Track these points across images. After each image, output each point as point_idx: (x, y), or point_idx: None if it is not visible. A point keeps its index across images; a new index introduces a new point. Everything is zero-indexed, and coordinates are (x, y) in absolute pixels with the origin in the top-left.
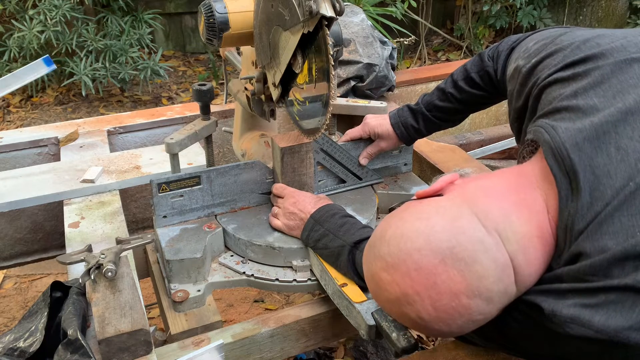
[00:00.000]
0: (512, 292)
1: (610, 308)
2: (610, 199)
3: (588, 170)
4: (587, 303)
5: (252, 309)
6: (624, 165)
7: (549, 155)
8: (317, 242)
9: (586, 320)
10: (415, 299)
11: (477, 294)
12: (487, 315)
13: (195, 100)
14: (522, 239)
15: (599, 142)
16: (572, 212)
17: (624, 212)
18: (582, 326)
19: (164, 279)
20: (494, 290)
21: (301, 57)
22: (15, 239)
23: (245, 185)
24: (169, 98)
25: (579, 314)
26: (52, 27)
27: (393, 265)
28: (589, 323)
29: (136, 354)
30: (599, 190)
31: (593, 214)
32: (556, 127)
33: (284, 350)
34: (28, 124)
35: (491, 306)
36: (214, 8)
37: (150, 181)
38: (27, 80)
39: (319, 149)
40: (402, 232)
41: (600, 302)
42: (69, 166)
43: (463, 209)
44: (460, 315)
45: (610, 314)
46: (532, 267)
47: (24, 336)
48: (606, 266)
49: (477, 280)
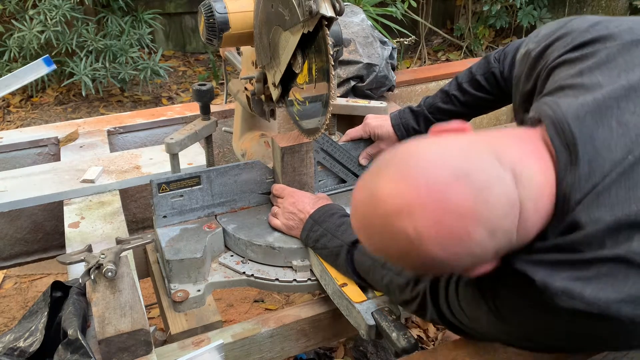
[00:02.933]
0: (512, 237)
1: (602, 281)
2: (609, 171)
3: (588, 142)
4: (579, 276)
5: (252, 309)
6: (624, 139)
7: (550, 127)
8: (316, 242)
9: (577, 292)
10: (418, 211)
11: (483, 223)
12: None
13: (195, 100)
14: (536, 187)
15: (601, 116)
16: (570, 182)
17: (621, 185)
18: (573, 298)
19: (164, 279)
20: (499, 224)
21: (301, 57)
22: (15, 239)
23: (245, 185)
24: (169, 98)
25: (570, 287)
26: (52, 27)
27: (402, 176)
28: (580, 295)
29: (136, 354)
30: (598, 162)
31: (591, 186)
32: (559, 103)
33: (284, 350)
34: (28, 124)
35: (492, 242)
36: (214, 8)
37: (150, 181)
38: (27, 80)
39: (319, 149)
40: (416, 151)
41: (592, 275)
42: (69, 166)
43: (480, 143)
44: (460, 240)
45: (601, 286)
46: (537, 220)
47: (24, 336)
48: (600, 237)
49: (486, 209)
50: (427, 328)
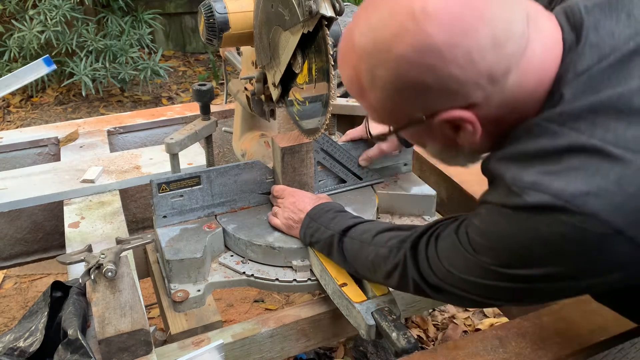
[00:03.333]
0: (507, 78)
1: (572, 174)
2: (607, 55)
3: (592, 27)
4: (549, 170)
5: (252, 309)
6: (629, 29)
7: (560, 13)
8: (311, 237)
9: (545, 185)
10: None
11: (491, 25)
12: (476, 73)
13: (195, 100)
14: (546, 35)
15: (611, 9)
16: (567, 62)
17: (615, 70)
18: (540, 191)
19: (164, 279)
20: (505, 39)
21: (301, 57)
22: (15, 239)
23: (245, 185)
24: (169, 98)
25: (539, 180)
26: (52, 27)
27: None
28: (548, 188)
29: (136, 354)
30: (599, 46)
31: (586, 66)
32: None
33: (284, 350)
34: (28, 124)
35: (491, 57)
36: (214, 8)
37: (150, 181)
38: (27, 80)
39: (319, 149)
40: None
41: (562, 168)
42: (69, 166)
43: None
44: (463, 32)
45: (570, 179)
46: (541, 68)
47: (24, 336)
48: (577, 114)
49: (498, 15)
50: (427, 328)
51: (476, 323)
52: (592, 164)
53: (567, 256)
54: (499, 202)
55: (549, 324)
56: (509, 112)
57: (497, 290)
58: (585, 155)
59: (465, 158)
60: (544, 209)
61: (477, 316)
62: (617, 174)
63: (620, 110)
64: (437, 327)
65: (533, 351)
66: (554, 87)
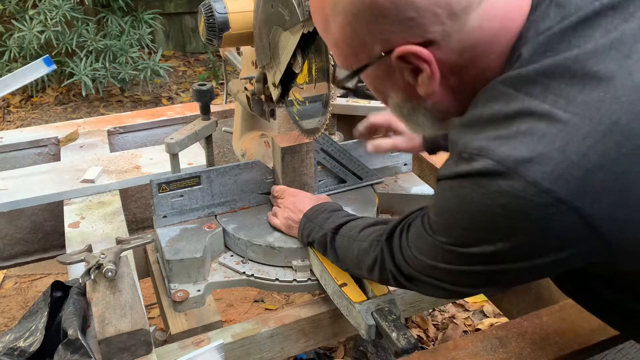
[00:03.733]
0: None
1: (519, 139)
2: (570, 14)
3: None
4: (499, 134)
5: (252, 309)
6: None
7: None
8: (308, 237)
9: (492, 150)
10: None
11: None
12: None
13: (195, 100)
14: None
15: None
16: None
17: (575, 29)
18: (486, 157)
19: (164, 279)
20: None
21: (301, 57)
22: (15, 239)
23: (245, 185)
24: (169, 98)
25: (486, 145)
26: (52, 27)
27: None
28: (493, 153)
29: (136, 354)
30: (564, 6)
31: (547, 25)
32: None
33: (284, 350)
34: (28, 124)
35: None
36: (214, 8)
37: (150, 181)
38: (27, 80)
39: (320, 149)
40: None
41: (511, 133)
42: (69, 166)
43: None
44: None
45: (517, 145)
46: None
47: (24, 336)
48: (532, 78)
49: None
50: (427, 328)
51: (476, 323)
52: (539, 129)
53: (513, 230)
54: (449, 173)
55: (549, 324)
56: (470, 61)
57: (460, 275)
58: (534, 120)
59: (427, 118)
60: (487, 175)
61: (477, 316)
62: (562, 140)
63: (574, 73)
64: (437, 327)
65: (533, 351)
66: (515, 44)
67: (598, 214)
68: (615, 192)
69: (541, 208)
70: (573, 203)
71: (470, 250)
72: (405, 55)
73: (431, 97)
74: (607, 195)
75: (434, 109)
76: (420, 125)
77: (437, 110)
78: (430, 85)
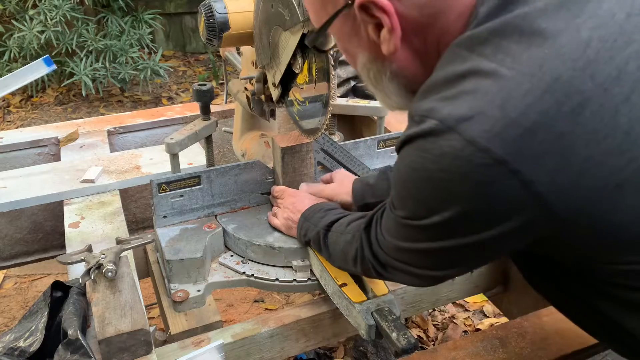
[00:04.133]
0: None
1: (462, 98)
2: None
3: None
4: (446, 95)
5: (252, 309)
6: None
7: None
8: (304, 237)
9: (436, 110)
10: None
11: None
12: None
13: (195, 100)
14: None
15: None
16: None
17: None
18: (432, 117)
19: (164, 279)
20: None
21: (301, 57)
22: (15, 239)
23: (245, 185)
24: (169, 98)
25: (434, 105)
26: (52, 27)
27: None
28: (438, 113)
29: (136, 354)
30: None
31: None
32: None
33: (284, 350)
34: (28, 124)
35: None
36: (214, 8)
37: (150, 181)
38: (27, 80)
39: (320, 149)
40: None
41: (456, 92)
42: (69, 166)
43: None
44: None
45: (459, 104)
46: None
47: (24, 336)
48: (485, 38)
49: None
50: (427, 328)
51: (476, 323)
52: (482, 87)
53: (457, 196)
54: (401, 139)
55: (549, 324)
56: (431, 19)
57: (421, 255)
58: (480, 78)
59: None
60: (431, 134)
61: (477, 316)
62: (502, 98)
63: (522, 31)
64: (437, 327)
65: (533, 351)
66: (475, 4)
67: (539, 178)
68: (556, 154)
69: (481, 170)
70: (512, 165)
71: (422, 223)
72: (366, 4)
73: (395, 58)
74: (548, 158)
75: (400, 75)
76: (389, 95)
77: (403, 77)
78: (392, 40)
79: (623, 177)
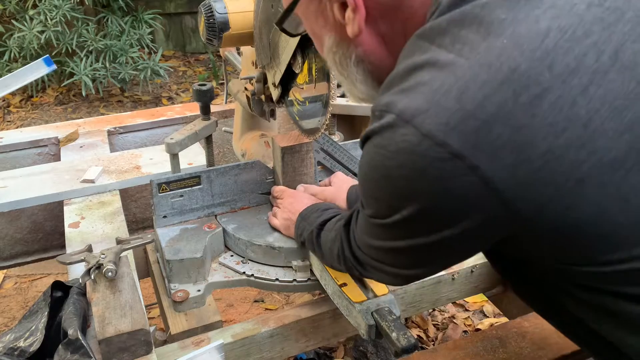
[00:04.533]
0: None
1: (418, 90)
2: None
3: None
4: (404, 87)
5: (252, 309)
6: None
7: None
8: (300, 237)
9: (394, 104)
10: None
11: None
12: None
13: (195, 100)
14: None
15: None
16: None
17: None
18: (389, 112)
19: (164, 279)
20: None
21: (301, 57)
22: (15, 239)
23: (245, 185)
24: (169, 98)
25: (392, 99)
26: (52, 27)
27: None
28: (394, 107)
29: (136, 354)
30: None
31: None
32: None
33: (284, 350)
34: (28, 124)
35: None
36: (214, 8)
37: (150, 181)
38: (27, 80)
39: (320, 149)
40: None
41: (413, 84)
42: (69, 166)
43: None
44: None
45: (415, 97)
46: None
47: (24, 336)
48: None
49: None
50: (427, 328)
51: (476, 323)
52: (438, 78)
53: (415, 192)
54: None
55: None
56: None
57: (390, 254)
58: (436, 69)
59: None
60: (388, 129)
61: (477, 316)
62: (459, 89)
63: (481, 21)
64: (437, 327)
65: (533, 351)
66: None
67: (498, 174)
68: (515, 148)
69: (438, 164)
70: (470, 160)
71: (386, 222)
72: None
73: (361, 41)
74: (507, 153)
75: (366, 60)
76: (354, 83)
77: (369, 62)
78: (356, 21)
79: (583, 172)
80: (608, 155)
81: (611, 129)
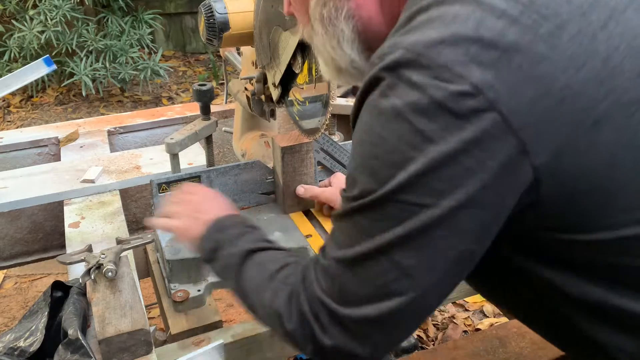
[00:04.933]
0: None
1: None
2: None
3: None
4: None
5: None
6: None
7: None
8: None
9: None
10: None
11: None
12: None
13: (195, 100)
14: None
15: None
16: None
17: None
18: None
19: (164, 279)
20: None
21: (301, 57)
22: (15, 239)
23: (245, 185)
24: (169, 98)
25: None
26: (52, 27)
27: None
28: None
29: (136, 354)
30: None
31: None
32: None
33: (284, 350)
34: (28, 124)
35: None
36: (214, 8)
37: (151, 181)
38: (27, 80)
39: (320, 149)
40: None
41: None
42: (69, 166)
43: None
44: None
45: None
46: None
47: (24, 336)
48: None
49: None
50: (427, 328)
51: (476, 323)
52: (451, 12)
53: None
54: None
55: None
56: None
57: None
58: (445, 5)
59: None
60: (394, 67)
61: (477, 316)
62: (475, 20)
63: None
64: (437, 327)
65: (533, 351)
66: None
67: (517, 108)
68: (535, 81)
69: (456, 99)
70: (490, 94)
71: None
72: None
73: None
74: (527, 86)
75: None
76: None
77: (360, 19)
78: None
79: (600, 112)
80: (625, 96)
81: (629, 69)
